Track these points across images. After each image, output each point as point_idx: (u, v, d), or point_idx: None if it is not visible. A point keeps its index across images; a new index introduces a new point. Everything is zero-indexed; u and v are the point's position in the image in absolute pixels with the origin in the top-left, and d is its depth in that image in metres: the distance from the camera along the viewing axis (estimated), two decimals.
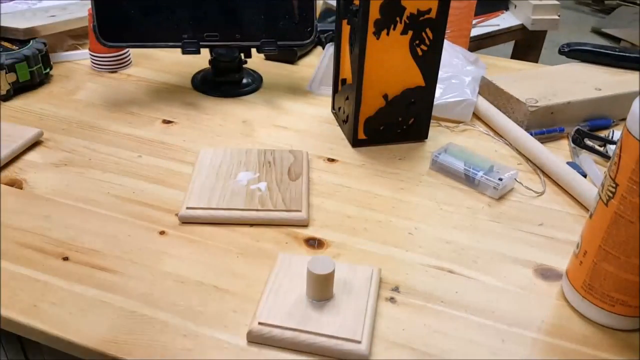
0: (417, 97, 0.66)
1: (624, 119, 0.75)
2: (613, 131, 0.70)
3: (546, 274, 0.51)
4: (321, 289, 0.44)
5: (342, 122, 0.71)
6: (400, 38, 0.62)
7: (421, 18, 0.61)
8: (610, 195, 0.42)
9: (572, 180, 0.60)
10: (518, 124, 0.70)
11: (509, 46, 1.73)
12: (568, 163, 0.64)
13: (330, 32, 0.91)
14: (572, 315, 0.47)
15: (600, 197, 0.43)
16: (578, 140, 0.68)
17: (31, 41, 0.78)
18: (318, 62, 0.86)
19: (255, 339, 0.42)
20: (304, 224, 0.55)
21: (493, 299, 0.48)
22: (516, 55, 1.69)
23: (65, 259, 0.50)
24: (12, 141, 0.63)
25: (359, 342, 0.42)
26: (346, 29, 0.66)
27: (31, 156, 0.64)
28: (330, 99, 0.75)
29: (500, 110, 0.73)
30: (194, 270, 0.49)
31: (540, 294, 0.49)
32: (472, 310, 0.47)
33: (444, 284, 0.49)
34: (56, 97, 0.76)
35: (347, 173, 0.63)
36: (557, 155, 0.65)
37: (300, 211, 0.55)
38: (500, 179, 0.59)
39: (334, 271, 0.43)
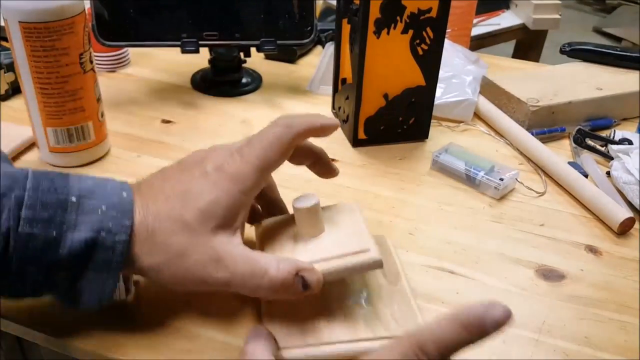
0: (418, 96, 0.66)
1: (625, 119, 0.75)
2: (614, 131, 0.70)
3: (548, 274, 0.51)
4: (311, 222, 0.42)
5: (342, 122, 0.71)
6: (401, 37, 0.62)
7: (422, 17, 0.61)
8: None
9: (573, 181, 0.60)
10: (519, 124, 0.70)
11: (510, 45, 1.73)
12: (569, 163, 0.63)
13: (330, 31, 0.90)
14: (574, 316, 0.47)
15: None
16: (579, 140, 0.68)
17: None
18: (318, 61, 0.86)
19: None
20: None
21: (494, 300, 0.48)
22: (517, 54, 1.69)
23: None
24: (11, 141, 0.63)
25: (368, 249, 0.40)
26: (346, 28, 0.66)
27: (29, 156, 0.63)
28: (330, 99, 0.75)
29: (501, 110, 0.73)
30: None
31: (542, 295, 0.48)
32: None
33: (444, 284, 0.49)
34: None
35: (347, 173, 0.63)
36: (558, 155, 0.64)
37: None
38: (502, 179, 0.59)
39: (319, 202, 0.42)
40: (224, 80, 0.80)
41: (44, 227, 0.36)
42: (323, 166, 0.47)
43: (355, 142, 0.68)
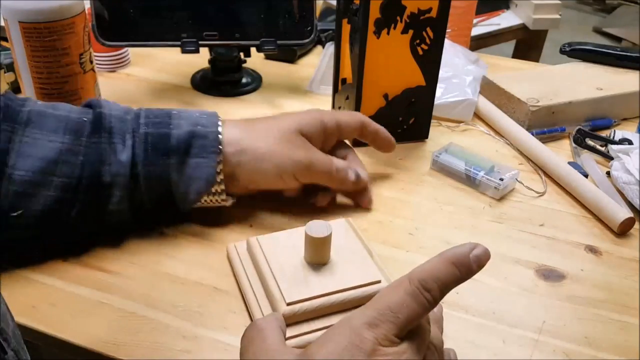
0: (418, 96, 0.66)
1: (625, 119, 0.75)
2: (614, 131, 0.70)
3: (548, 274, 0.51)
4: (324, 251, 0.44)
5: None
6: (401, 37, 0.62)
7: (422, 17, 0.61)
8: None
9: (573, 181, 0.60)
10: (519, 124, 0.70)
11: (510, 45, 1.73)
12: (569, 163, 0.63)
13: (330, 31, 0.90)
14: (574, 316, 0.47)
15: None
16: (579, 140, 0.68)
17: None
18: (318, 61, 0.86)
19: (290, 320, 0.41)
20: None
21: (494, 300, 0.48)
22: (517, 54, 1.69)
23: (64, 259, 0.50)
24: None
25: (379, 281, 0.43)
26: (346, 28, 0.66)
27: None
28: (330, 99, 0.75)
29: (501, 110, 0.73)
30: (193, 271, 0.49)
31: (542, 295, 0.48)
32: (473, 311, 0.47)
33: None
34: None
35: None
36: (558, 155, 0.64)
37: None
38: (502, 179, 0.59)
39: (332, 232, 0.43)
40: (224, 80, 0.80)
41: (156, 127, 0.50)
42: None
43: (356, 142, 0.68)
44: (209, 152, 0.50)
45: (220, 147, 0.50)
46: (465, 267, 0.33)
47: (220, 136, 0.50)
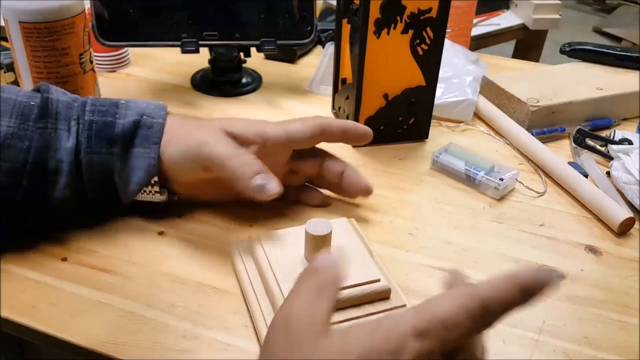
0: (418, 96, 0.66)
1: (625, 119, 0.75)
2: (614, 131, 0.70)
3: None
4: (326, 249, 0.44)
5: None
6: (401, 37, 0.62)
7: (422, 17, 0.61)
8: None
9: (573, 181, 0.60)
10: (519, 124, 0.70)
11: (510, 45, 1.73)
12: (569, 163, 0.63)
13: (330, 31, 0.90)
14: (574, 316, 0.47)
15: None
16: (579, 140, 0.68)
17: None
18: (318, 61, 0.86)
19: None
20: None
21: None
22: (517, 54, 1.69)
23: (64, 259, 0.50)
24: None
25: (379, 280, 0.43)
26: (346, 28, 0.66)
27: None
28: (330, 99, 0.75)
29: (501, 110, 0.73)
30: (193, 271, 0.49)
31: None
32: None
33: None
34: None
35: None
36: (558, 155, 0.64)
37: None
38: (502, 179, 0.59)
39: (332, 230, 0.44)
40: (224, 80, 0.80)
41: (102, 115, 0.50)
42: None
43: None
44: (152, 143, 0.49)
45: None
46: (530, 295, 0.29)
47: (165, 128, 0.50)
